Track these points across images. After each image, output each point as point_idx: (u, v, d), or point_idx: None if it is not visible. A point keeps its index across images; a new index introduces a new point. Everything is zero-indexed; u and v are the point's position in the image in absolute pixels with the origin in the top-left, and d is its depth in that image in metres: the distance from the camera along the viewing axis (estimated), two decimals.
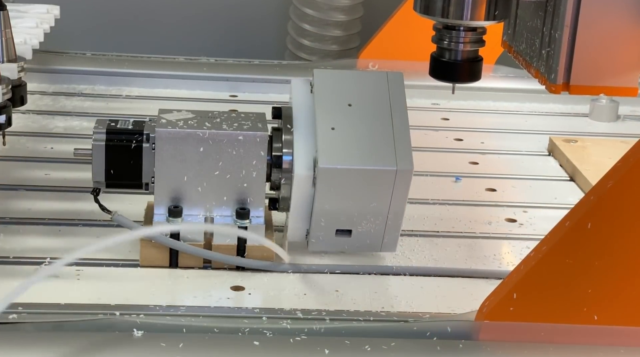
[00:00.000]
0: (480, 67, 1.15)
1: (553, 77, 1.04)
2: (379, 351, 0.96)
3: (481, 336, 0.98)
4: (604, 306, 0.98)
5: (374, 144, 1.13)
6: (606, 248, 0.96)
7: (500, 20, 1.11)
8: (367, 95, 1.15)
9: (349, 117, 1.14)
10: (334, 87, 1.16)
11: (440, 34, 1.13)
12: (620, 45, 1.02)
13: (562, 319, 0.98)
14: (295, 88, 1.18)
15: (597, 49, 1.02)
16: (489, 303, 0.99)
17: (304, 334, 0.99)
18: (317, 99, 1.15)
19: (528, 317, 0.98)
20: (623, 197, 0.94)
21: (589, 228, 0.95)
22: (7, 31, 1.29)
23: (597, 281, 0.97)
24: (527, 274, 0.97)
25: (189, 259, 1.15)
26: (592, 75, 1.03)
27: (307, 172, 1.13)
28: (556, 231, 0.97)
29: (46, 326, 0.98)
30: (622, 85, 1.04)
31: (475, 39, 1.12)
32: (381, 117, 1.14)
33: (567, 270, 0.96)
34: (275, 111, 1.18)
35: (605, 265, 0.96)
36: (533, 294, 0.98)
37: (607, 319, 0.98)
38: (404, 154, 1.13)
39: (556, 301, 0.98)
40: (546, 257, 0.96)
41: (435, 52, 1.14)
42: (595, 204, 0.95)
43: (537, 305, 0.98)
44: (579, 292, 0.97)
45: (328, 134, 1.13)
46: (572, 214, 0.96)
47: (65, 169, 1.42)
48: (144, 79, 1.83)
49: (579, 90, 1.04)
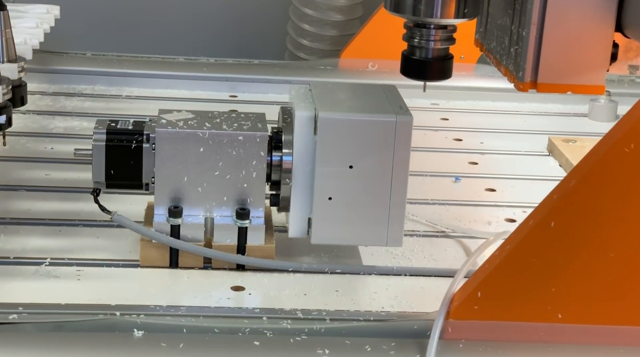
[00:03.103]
0: (451, 65, 1.15)
1: (521, 75, 1.04)
2: (379, 351, 0.97)
3: (446, 335, 0.98)
4: (568, 304, 0.98)
5: (369, 215, 1.14)
6: (569, 247, 0.96)
7: (470, 18, 1.11)
8: (370, 154, 1.14)
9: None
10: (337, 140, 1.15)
11: (410, 32, 1.13)
12: (587, 43, 1.02)
13: (526, 317, 0.98)
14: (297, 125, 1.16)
15: (564, 47, 1.03)
16: (454, 302, 0.99)
17: (304, 334, 0.99)
18: (320, 154, 1.14)
19: (492, 315, 0.98)
20: (585, 196, 0.94)
21: (553, 227, 0.95)
22: (7, 31, 1.29)
23: (560, 279, 0.97)
24: (491, 273, 0.97)
25: (189, 259, 1.15)
26: (560, 73, 1.04)
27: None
28: (520, 229, 0.97)
29: (46, 326, 0.98)
30: (589, 83, 1.05)
31: (446, 36, 1.13)
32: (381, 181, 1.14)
33: (531, 268, 0.97)
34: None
35: (569, 263, 0.96)
36: (497, 293, 0.98)
37: (571, 317, 0.98)
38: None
39: (520, 299, 0.98)
40: (510, 255, 0.97)
41: (406, 50, 1.15)
42: (559, 203, 0.95)
43: (502, 303, 0.98)
44: (543, 290, 0.97)
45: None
46: (535, 212, 0.97)
47: (65, 170, 1.42)
48: (144, 79, 1.83)
49: (547, 88, 1.05)
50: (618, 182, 0.94)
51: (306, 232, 1.16)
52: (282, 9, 2.30)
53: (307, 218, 1.15)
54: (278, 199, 1.16)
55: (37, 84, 1.79)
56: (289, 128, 1.14)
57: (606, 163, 0.93)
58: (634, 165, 0.93)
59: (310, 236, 1.15)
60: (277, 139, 1.15)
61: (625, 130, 0.92)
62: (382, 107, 1.15)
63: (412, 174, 1.15)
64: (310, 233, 1.15)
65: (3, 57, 1.29)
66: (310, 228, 1.15)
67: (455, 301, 0.99)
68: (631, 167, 0.93)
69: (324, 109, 1.13)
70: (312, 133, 1.13)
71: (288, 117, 1.16)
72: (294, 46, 2.21)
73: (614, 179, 0.94)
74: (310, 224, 1.15)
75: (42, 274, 1.12)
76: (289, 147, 1.14)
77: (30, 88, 1.41)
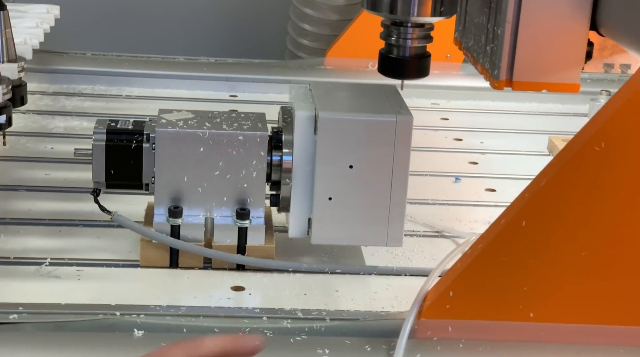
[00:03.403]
0: (428, 63, 1.15)
1: (496, 73, 1.05)
2: (379, 351, 0.97)
3: (418, 334, 0.98)
4: (540, 303, 0.98)
5: (370, 214, 1.14)
6: (541, 246, 0.96)
7: (447, 16, 1.11)
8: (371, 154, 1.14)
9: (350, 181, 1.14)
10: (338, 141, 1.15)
11: (388, 30, 1.13)
12: (562, 42, 1.03)
13: (498, 316, 0.98)
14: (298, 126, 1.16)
15: (539, 45, 1.03)
16: (426, 301, 0.99)
17: (304, 334, 0.99)
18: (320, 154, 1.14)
19: (464, 314, 0.98)
20: (557, 195, 0.95)
21: (524, 226, 0.95)
22: (7, 31, 1.30)
23: (532, 278, 0.97)
24: (463, 272, 0.97)
25: (189, 259, 1.15)
26: (535, 72, 1.04)
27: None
28: (492, 229, 0.97)
29: (46, 326, 0.98)
30: (564, 81, 1.05)
31: (423, 35, 1.13)
32: (382, 183, 1.14)
33: (502, 268, 0.97)
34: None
35: (540, 262, 0.96)
36: (469, 292, 0.98)
37: (543, 316, 0.98)
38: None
39: (492, 298, 0.98)
40: (482, 255, 0.97)
41: (384, 48, 1.15)
42: (530, 202, 0.95)
43: (473, 302, 0.98)
44: (514, 289, 0.97)
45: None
46: (507, 211, 0.97)
47: (65, 169, 1.42)
48: (144, 79, 1.83)
49: (522, 86, 1.05)
50: (589, 181, 0.94)
51: (306, 232, 1.16)
52: (282, 9, 2.30)
53: (307, 218, 1.15)
54: (278, 199, 1.16)
55: (37, 83, 1.79)
56: (289, 128, 1.14)
57: (577, 162, 0.94)
58: (605, 164, 0.93)
59: (310, 236, 1.15)
60: (277, 139, 1.15)
61: (595, 130, 0.93)
62: (382, 107, 1.15)
63: (412, 174, 1.15)
64: (310, 233, 1.15)
65: (3, 57, 1.29)
66: (310, 228, 1.15)
67: (427, 299, 0.99)
68: (602, 166, 0.93)
69: (324, 109, 1.13)
70: (312, 133, 1.13)
71: (288, 117, 1.16)
72: (294, 46, 2.21)
73: (585, 178, 0.94)
74: (310, 224, 1.15)
75: (42, 274, 1.12)
76: (289, 147, 1.14)
77: (30, 88, 1.41)
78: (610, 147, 0.92)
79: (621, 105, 0.91)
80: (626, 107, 0.91)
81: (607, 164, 0.93)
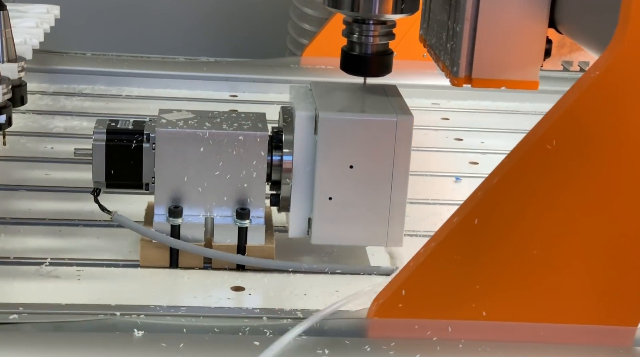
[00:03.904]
0: (390, 60, 1.16)
1: (455, 70, 1.06)
2: (379, 351, 0.97)
3: (370, 334, 0.98)
4: (492, 301, 0.98)
5: (370, 214, 1.14)
6: (493, 244, 0.96)
7: (408, 13, 1.11)
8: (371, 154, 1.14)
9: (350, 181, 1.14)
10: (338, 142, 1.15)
11: (350, 27, 1.14)
12: (521, 39, 1.03)
13: (451, 315, 0.98)
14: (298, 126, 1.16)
15: (497, 43, 1.04)
16: (379, 300, 0.99)
17: (304, 334, 0.99)
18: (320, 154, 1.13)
19: (417, 313, 0.98)
20: (508, 193, 0.95)
21: (476, 224, 0.95)
22: (7, 31, 1.30)
23: (484, 277, 0.97)
24: (415, 271, 0.97)
25: (189, 259, 1.15)
26: (493, 69, 1.05)
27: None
28: (444, 227, 0.97)
29: (46, 326, 0.98)
30: (523, 78, 1.06)
31: (385, 32, 1.13)
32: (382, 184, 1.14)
33: (455, 266, 0.96)
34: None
35: (492, 261, 0.96)
36: (422, 291, 0.98)
37: (495, 315, 0.98)
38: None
39: (445, 297, 0.98)
40: (434, 253, 0.97)
41: (346, 46, 1.15)
42: (482, 200, 0.95)
43: (426, 301, 0.98)
44: (467, 288, 0.97)
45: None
46: (460, 210, 0.97)
47: (65, 169, 1.42)
48: (144, 79, 1.83)
49: (481, 83, 1.06)
50: (540, 179, 0.94)
51: (306, 232, 1.16)
52: (282, 9, 2.30)
53: (307, 218, 1.15)
54: (278, 199, 1.16)
55: (37, 83, 1.79)
56: (289, 128, 1.14)
57: (528, 160, 0.94)
58: (556, 162, 0.93)
59: (310, 236, 1.15)
60: (278, 138, 1.15)
61: (546, 128, 0.93)
62: (382, 107, 1.15)
63: (412, 174, 1.15)
64: (310, 233, 1.15)
65: (3, 57, 1.29)
66: (310, 228, 1.15)
67: (380, 298, 0.99)
68: (553, 164, 0.93)
69: (324, 109, 1.13)
70: (313, 133, 1.13)
71: (288, 117, 1.16)
72: (294, 46, 2.21)
73: (536, 176, 0.94)
74: (310, 224, 1.15)
75: (42, 274, 1.12)
76: (289, 147, 1.14)
77: (30, 88, 1.41)
78: (561, 145, 0.93)
79: (572, 103, 0.91)
80: (576, 105, 0.91)
81: (559, 162, 0.93)
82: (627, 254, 0.96)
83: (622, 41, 0.89)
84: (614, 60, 0.90)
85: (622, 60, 0.90)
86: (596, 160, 0.93)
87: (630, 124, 0.92)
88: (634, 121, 0.92)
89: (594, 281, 0.97)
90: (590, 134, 0.92)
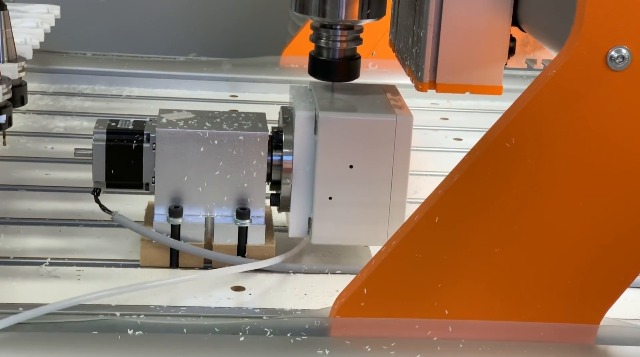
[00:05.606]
0: (358, 65, 1.16)
1: (420, 75, 1.06)
2: (379, 351, 0.97)
3: (332, 333, 0.98)
4: (454, 300, 0.97)
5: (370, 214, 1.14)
6: (454, 242, 0.96)
7: (374, 18, 1.12)
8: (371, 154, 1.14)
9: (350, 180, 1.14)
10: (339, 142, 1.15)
11: (317, 32, 1.14)
12: (485, 38, 1.04)
13: (412, 313, 0.98)
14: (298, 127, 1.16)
15: (462, 45, 1.04)
16: (341, 299, 0.99)
17: (304, 334, 0.99)
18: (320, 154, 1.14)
19: (379, 312, 0.98)
20: (469, 191, 0.94)
21: (437, 222, 0.95)
22: (7, 31, 1.29)
23: (446, 275, 0.96)
24: (377, 269, 0.97)
25: (189, 259, 1.15)
26: (457, 74, 1.05)
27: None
28: (406, 225, 0.97)
29: (46, 326, 0.98)
30: (487, 83, 1.07)
31: (352, 37, 1.14)
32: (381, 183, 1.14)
33: (416, 264, 0.96)
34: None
35: (454, 259, 0.96)
36: (384, 289, 0.97)
37: (457, 313, 0.98)
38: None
39: (407, 295, 0.97)
40: (395, 251, 0.96)
41: (314, 50, 1.15)
42: (443, 198, 0.95)
43: (388, 300, 0.98)
44: (429, 286, 0.97)
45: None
46: (421, 208, 0.96)
47: (65, 169, 1.42)
48: (144, 79, 1.83)
49: (445, 88, 1.06)
50: (500, 177, 0.94)
51: (306, 232, 1.16)
52: (282, 8, 2.30)
53: (307, 218, 1.15)
54: (278, 198, 1.16)
55: (38, 83, 1.79)
56: (289, 128, 1.14)
57: (488, 158, 0.94)
58: (515, 159, 0.93)
59: (310, 236, 1.15)
60: (278, 138, 1.15)
61: (505, 125, 0.93)
62: (382, 106, 1.15)
63: (412, 174, 1.15)
64: (310, 233, 1.15)
65: (3, 57, 1.29)
66: (310, 228, 1.15)
67: (341, 297, 0.99)
68: (512, 161, 0.93)
69: (324, 109, 1.13)
70: (313, 133, 1.13)
71: (288, 116, 1.16)
72: None
73: (496, 173, 0.94)
74: (310, 224, 1.15)
75: (42, 274, 1.12)
76: (289, 147, 1.14)
77: (30, 88, 1.41)
78: (520, 143, 0.93)
79: (530, 101, 0.91)
80: (534, 103, 0.91)
81: (518, 160, 0.93)
82: (588, 252, 0.96)
83: (578, 40, 0.89)
84: (570, 59, 0.90)
85: (578, 59, 0.90)
86: (554, 158, 0.93)
87: (586, 122, 0.92)
88: (591, 119, 0.92)
89: (555, 279, 0.97)
90: (548, 132, 0.92)
